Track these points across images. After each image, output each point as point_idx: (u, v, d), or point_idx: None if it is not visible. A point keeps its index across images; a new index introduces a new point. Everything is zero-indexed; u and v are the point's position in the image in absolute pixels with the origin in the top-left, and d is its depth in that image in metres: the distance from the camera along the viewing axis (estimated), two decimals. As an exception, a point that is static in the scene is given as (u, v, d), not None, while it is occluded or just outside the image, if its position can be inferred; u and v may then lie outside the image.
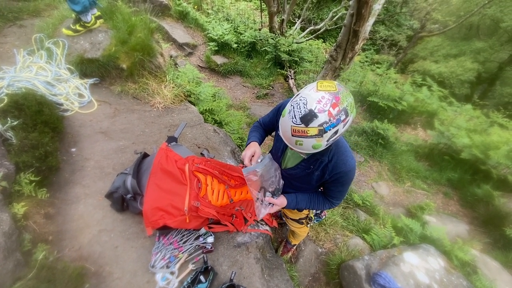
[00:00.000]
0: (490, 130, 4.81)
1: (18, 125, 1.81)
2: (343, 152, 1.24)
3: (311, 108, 0.94)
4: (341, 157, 1.24)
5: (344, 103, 0.96)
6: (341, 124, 0.98)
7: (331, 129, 0.96)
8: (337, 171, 1.25)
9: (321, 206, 1.48)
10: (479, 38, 13.98)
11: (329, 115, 0.94)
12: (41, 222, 1.59)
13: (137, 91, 2.87)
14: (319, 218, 1.93)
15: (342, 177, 1.28)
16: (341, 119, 0.96)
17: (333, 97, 0.94)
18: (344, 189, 1.39)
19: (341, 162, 1.23)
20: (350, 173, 1.27)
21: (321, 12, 12.29)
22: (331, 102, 0.94)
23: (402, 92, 5.28)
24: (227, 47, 5.88)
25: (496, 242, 3.38)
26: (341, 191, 1.39)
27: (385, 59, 12.32)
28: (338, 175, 1.26)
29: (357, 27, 3.83)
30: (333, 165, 1.25)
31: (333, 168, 1.25)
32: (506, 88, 12.55)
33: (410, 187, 4.16)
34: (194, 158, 1.82)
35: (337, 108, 0.94)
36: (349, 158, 1.25)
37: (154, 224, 1.54)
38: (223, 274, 1.62)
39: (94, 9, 2.79)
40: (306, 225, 1.96)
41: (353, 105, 1.01)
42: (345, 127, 1.01)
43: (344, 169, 1.24)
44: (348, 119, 1.00)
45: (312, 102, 0.94)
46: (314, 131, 0.96)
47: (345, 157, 1.24)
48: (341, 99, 0.95)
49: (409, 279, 2.10)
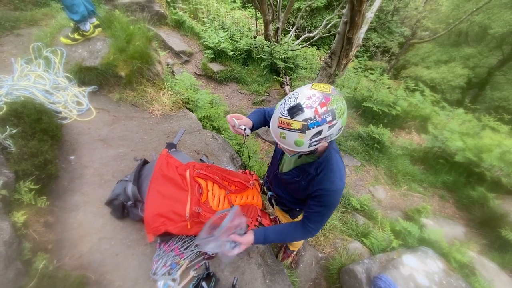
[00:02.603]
0: (482, 133, 4.91)
1: (17, 134, 1.81)
2: (333, 170, 1.21)
3: (300, 102, 0.95)
4: (329, 174, 1.21)
5: (333, 105, 0.96)
6: (325, 125, 0.97)
7: (315, 127, 0.96)
8: (321, 187, 1.21)
9: (293, 237, 1.38)
10: (468, 44, 14.39)
11: (315, 112, 0.94)
12: (41, 231, 1.57)
13: (135, 98, 2.88)
14: None
15: (325, 195, 1.22)
16: (327, 119, 0.96)
17: (323, 97, 0.96)
18: (324, 212, 1.28)
19: (327, 179, 1.20)
20: (334, 193, 1.21)
21: (314, 20, 12.55)
22: (320, 101, 0.95)
23: (395, 97, 5.38)
24: (223, 55, 5.95)
25: (492, 243, 3.42)
26: (321, 213, 1.28)
27: (378, 65, 12.56)
28: (321, 191, 1.22)
29: (351, 35, 3.92)
30: (319, 180, 1.22)
31: (318, 182, 1.22)
32: (496, 92, 12.87)
33: (407, 191, 4.20)
34: (194, 164, 1.83)
35: (325, 108, 0.95)
36: (337, 179, 1.20)
37: (155, 231, 1.54)
38: (225, 280, 1.62)
39: (93, 18, 2.82)
40: None
41: (343, 111, 1.00)
42: (330, 130, 0.99)
43: (329, 187, 1.20)
44: (334, 123, 0.98)
45: (302, 97, 0.97)
46: (298, 125, 0.96)
47: (333, 176, 1.21)
48: (331, 100, 0.96)
49: (409, 282, 2.11)
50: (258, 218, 1.96)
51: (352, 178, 4.16)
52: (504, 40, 12.64)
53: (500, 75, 13.31)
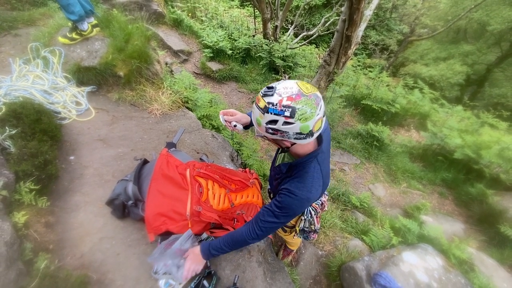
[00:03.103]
0: (481, 130, 4.93)
1: (16, 134, 1.81)
2: (305, 179, 1.18)
3: (276, 87, 0.99)
4: (298, 180, 1.19)
5: (298, 105, 0.95)
6: (281, 118, 0.97)
7: (272, 114, 0.98)
8: (286, 186, 1.19)
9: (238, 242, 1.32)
10: (467, 41, 14.40)
11: (279, 101, 0.97)
12: (42, 231, 1.58)
13: (134, 98, 2.88)
14: (307, 236, 1.81)
15: (285, 195, 1.17)
16: (284, 113, 0.96)
17: (296, 93, 0.96)
18: (278, 214, 1.19)
19: (294, 183, 1.18)
20: (295, 199, 1.15)
21: (313, 18, 12.53)
22: (291, 95, 0.96)
23: (394, 94, 5.39)
24: (222, 54, 5.93)
25: (491, 239, 3.44)
26: (274, 214, 1.20)
27: (377, 63, 12.57)
28: (284, 190, 1.19)
29: (350, 32, 3.92)
30: (288, 181, 1.22)
31: (287, 182, 1.21)
32: (494, 89, 12.90)
33: (406, 188, 4.22)
34: (195, 163, 1.83)
35: (289, 102, 0.95)
36: (304, 188, 1.16)
37: (156, 230, 1.54)
38: (226, 278, 1.63)
39: (91, 17, 2.81)
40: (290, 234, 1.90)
41: (305, 117, 0.97)
42: (286, 127, 0.99)
43: (293, 190, 1.16)
44: (291, 121, 0.97)
45: (282, 85, 1.00)
46: (263, 104, 1.00)
47: (302, 183, 1.17)
48: (300, 100, 0.96)
49: (409, 279, 2.12)
50: (258, 217, 1.97)
51: (351, 176, 4.18)
52: (503, 36, 12.66)
53: (498, 72, 13.34)
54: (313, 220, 1.69)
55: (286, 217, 1.21)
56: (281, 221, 1.21)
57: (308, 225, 1.70)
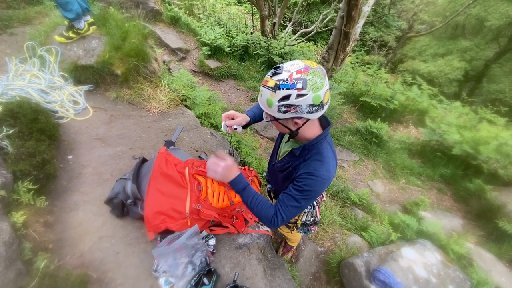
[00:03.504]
0: (479, 126, 4.93)
1: (13, 134, 1.80)
2: (320, 159, 1.19)
3: (282, 66, 1.04)
4: (315, 162, 1.19)
5: (308, 76, 1.00)
6: (294, 91, 1.00)
7: (284, 89, 1.01)
8: (305, 170, 1.19)
9: (260, 210, 1.25)
10: (465, 37, 14.40)
11: (289, 76, 1.00)
12: (41, 231, 1.58)
13: (132, 96, 2.87)
14: (308, 231, 1.82)
15: (306, 179, 1.17)
16: (296, 85, 0.99)
17: (304, 67, 1.01)
18: (299, 198, 1.18)
19: (313, 165, 1.18)
20: (316, 180, 1.16)
21: (311, 15, 12.48)
22: (299, 69, 1.01)
23: (393, 91, 5.38)
24: (220, 51, 5.90)
25: (489, 234, 3.46)
26: (295, 199, 1.19)
27: (376, 60, 12.56)
28: (305, 175, 1.18)
29: (348, 29, 3.91)
30: (305, 165, 1.21)
31: (304, 167, 1.21)
32: (492, 85, 12.92)
33: (405, 184, 4.23)
34: (193, 161, 1.83)
35: (299, 75, 1.00)
36: (323, 168, 1.17)
37: (156, 228, 1.54)
38: (226, 275, 1.63)
39: (88, 15, 2.79)
40: (292, 231, 1.89)
41: (316, 86, 1.01)
42: (299, 100, 1.01)
43: (312, 172, 1.16)
44: (304, 93, 1.00)
45: (288, 64, 1.04)
46: (272, 83, 1.03)
47: (320, 164, 1.18)
48: (308, 72, 1.00)
49: (407, 274, 2.14)
50: (257, 214, 1.97)
51: (350, 172, 4.18)
52: (501, 32, 12.65)
53: (496, 67, 13.35)
54: (315, 211, 1.70)
55: (307, 200, 1.21)
56: (303, 204, 1.21)
57: (309, 218, 1.70)
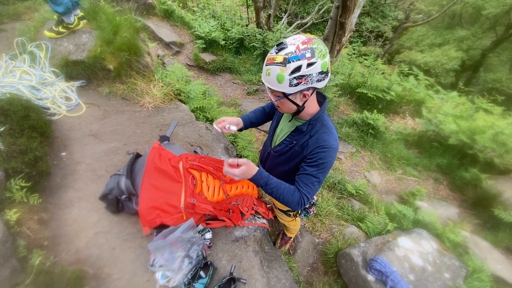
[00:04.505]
0: (475, 115, 4.94)
1: (4, 131, 1.77)
2: (326, 131, 1.26)
3: (286, 41, 1.09)
4: (323, 135, 1.25)
5: (314, 45, 1.06)
6: (304, 61, 1.04)
7: (294, 61, 1.04)
8: (316, 146, 1.24)
9: (287, 197, 1.24)
10: (462, 26, 14.31)
11: (296, 48, 1.05)
12: (35, 228, 1.57)
13: (125, 91, 2.83)
14: (307, 213, 1.86)
15: (320, 153, 1.22)
16: (306, 55, 1.04)
17: (306, 38, 1.08)
18: (317, 173, 1.23)
19: (321, 139, 1.24)
20: (329, 151, 1.22)
21: (307, 6, 12.32)
22: (303, 40, 1.07)
23: (389, 82, 5.36)
24: (215, 44, 5.83)
25: (485, 223, 3.50)
26: (314, 174, 1.23)
27: (372, 51, 12.46)
28: (316, 149, 1.23)
29: (343, 19, 3.86)
30: (313, 141, 1.26)
31: (313, 143, 1.25)
32: (489, 74, 12.91)
33: (402, 175, 4.25)
34: (187, 155, 1.82)
35: (306, 45, 1.05)
36: (331, 138, 1.24)
37: (151, 223, 1.54)
38: (222, 268, 1.64)
39: (77, 9, 2.73)
40: (294, 218, 1.96)
41: (323, 53, 1.07)
42: (309, 68, 1.05)
43: (324, 144, 1.22)
44: (313, 61, 1.05)
45: (289, 38, 1.10)
46: (280, 58, 1.06)
47: (328, 136, 1.24)
48: (312, 41, 1.07)
49: (404, 263, 2.16)
50: (254, 207, 1.98)
51: (347, 164, 4.19)
52: (498, 21, 12.58)
53: (493, 56, 13.32)
54: None
55: (324, 172, 1.25)
56: (321, 178, 1.25)
57: None
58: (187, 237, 1.51)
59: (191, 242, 1.54)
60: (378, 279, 2.08)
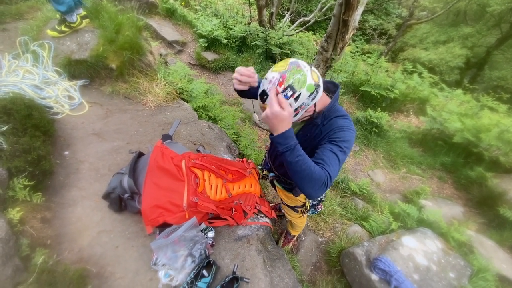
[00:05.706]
0: (480, 113, 4.89)
1: (7, 130, 1.77)
2: (340, 116, 1.23)
3: (264, 89, 1.09)
4: (339, 119, 1.22)
5: (289, 80, 1.03)
6: (290, 99, 1.05)
7: None
8: (331, 128, 1.20)
9: (316, 170, 1.05)
10: (466, 23, 14.13)
11: (276, 93, 1.05)
12: (38, 227, 1.57)
13: (128, 90, 2.83)
14: (315, 210, 1.89)
15: (340, 131, 1.17)
16: (288, 95, 1.04)
17: (280, 76, 1.05)
18: (338, 151, 1.13)
19: (338, 122, 1.21)
20: (349, 131, 1.18)
21: (310, 4, 12.25)
22: (278, 81, 1.05)
23: (393, 80, 5.31)
24: (217, 43, 5.81)
25: (490, 222, 3.46)
26: (335, 152, 1.13)
27: (376, 49, 12.37)
28: (334, 129, 1.18)
29: (347, 17, 3.82)
30: (327, 127, 1.22)
31: (327, 128, 1.22)
32: (494, 72, 12.74)
33: (405, 173, 4.21)
34: (190, 154, 1.81)
35: (283, 86, 1.04)
36: (348, 121, 1.22)
37: (153, 222, 1.53)
38: (225, 267, 1.63)
39: (80, 8, 2.73)
40: (302, 215, 1.95)
41: (302, 81, 1.04)
42: (299, 101, 1.06)
43: (341, 125, 1.19)
44: (298, 94, 1.05)
45: (266, 83, 1.09)
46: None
47: (344, 120, 1.22)
48: (286, 77, 1.04)
49: (408, 262, 2.14)
50: (256, 206, 1.96)
51: (351, 163, 4.17)
52: (503, 18, 12.39)
53: (498, 54, 13.13)
54: None
55: (345, 153, 1.15)
56: (341, 159, 1.14)
57: None
58: (189, 236, 1.51)
59: (194, 241, 1.54)
60: (382, 278, 2.07)
